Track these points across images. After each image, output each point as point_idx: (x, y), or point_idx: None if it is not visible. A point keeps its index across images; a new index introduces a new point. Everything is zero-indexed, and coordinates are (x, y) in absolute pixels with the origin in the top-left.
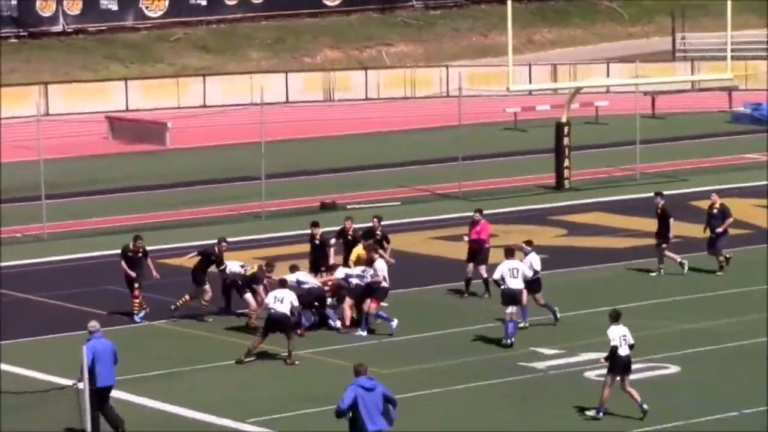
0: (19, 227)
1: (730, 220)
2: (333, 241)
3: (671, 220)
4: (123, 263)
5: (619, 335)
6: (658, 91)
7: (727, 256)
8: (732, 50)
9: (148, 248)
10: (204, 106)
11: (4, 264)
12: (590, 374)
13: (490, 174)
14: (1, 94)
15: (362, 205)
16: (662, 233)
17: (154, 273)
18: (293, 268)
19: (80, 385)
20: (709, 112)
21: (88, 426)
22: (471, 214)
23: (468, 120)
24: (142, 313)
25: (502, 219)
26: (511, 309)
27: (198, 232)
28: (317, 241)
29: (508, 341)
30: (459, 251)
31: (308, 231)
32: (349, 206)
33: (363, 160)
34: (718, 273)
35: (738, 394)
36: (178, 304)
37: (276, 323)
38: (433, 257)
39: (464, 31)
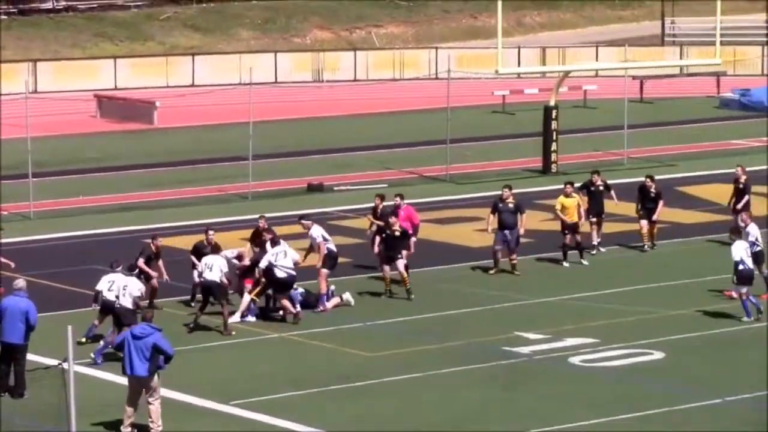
0: (6, 205)
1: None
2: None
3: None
4: (144, 269)
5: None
6: (647, 75)
7: None
8: (721, 35)
9: (133, 228)
10: (193, 85)
11: None
12: (575, 359)
13: (477, 157)
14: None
15: (349, 187)
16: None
17: (165, 275)
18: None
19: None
20: (697, 98)
21: None
22: (456, 197)
23: (456, 102)
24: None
25: (489, 203)
26: (746, 289)
27: (185, 212)
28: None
29: (751, 318)
30: (441, 234)
31: (295, 212)
32: (335, 188)
33: (350, 142)
34: None
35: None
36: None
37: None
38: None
39: (454, 12)
